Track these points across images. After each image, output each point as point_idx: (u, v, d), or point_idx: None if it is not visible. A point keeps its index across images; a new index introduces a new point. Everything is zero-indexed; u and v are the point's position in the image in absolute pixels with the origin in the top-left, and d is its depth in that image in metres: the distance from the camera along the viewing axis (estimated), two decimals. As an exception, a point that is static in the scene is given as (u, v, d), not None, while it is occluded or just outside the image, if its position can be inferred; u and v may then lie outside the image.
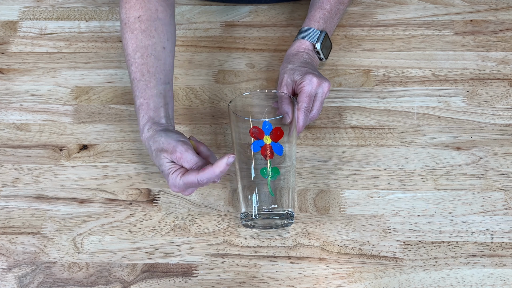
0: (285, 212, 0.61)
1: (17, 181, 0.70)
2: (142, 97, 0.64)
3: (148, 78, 0.65)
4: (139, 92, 0.65)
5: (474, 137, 0.73)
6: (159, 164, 0.60)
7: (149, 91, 0.64)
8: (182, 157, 0.58)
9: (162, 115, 0.64)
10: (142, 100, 0.64)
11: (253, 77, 0.80)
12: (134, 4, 0.68)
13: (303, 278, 0.62)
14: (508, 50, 0.82)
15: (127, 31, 0.67)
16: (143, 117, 0.63)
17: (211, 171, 0.56)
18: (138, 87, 0.65)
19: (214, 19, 0.88)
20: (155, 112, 0.63)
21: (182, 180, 0.58)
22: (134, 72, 0.66)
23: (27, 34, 0.87)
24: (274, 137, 0.62)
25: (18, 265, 0.63)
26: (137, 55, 0.66)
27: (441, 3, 0.89)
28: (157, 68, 0.66)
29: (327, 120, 0.75)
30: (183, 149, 0.59)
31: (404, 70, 0.80)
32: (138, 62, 0.66)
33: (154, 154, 0.61)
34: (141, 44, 0.66)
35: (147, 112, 0.63)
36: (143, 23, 0.67)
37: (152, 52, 0.66)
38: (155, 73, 0.65)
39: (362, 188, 0.68)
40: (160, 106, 0.64)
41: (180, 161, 0.59)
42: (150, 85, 0.65)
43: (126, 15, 0.68)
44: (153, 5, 0.68)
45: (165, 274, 0.62)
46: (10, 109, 0.77)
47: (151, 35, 0.67)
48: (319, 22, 0.77)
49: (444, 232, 0.65)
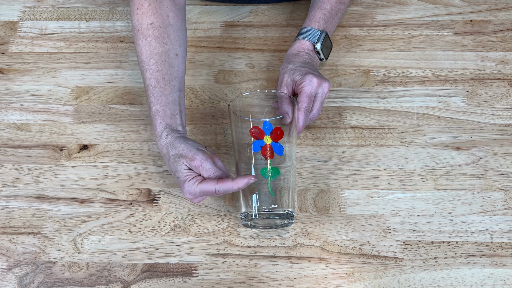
0: (285, 212, 0.61)
1: (17, 181, 0.70)
2: (158, 104, 0.65)
3: (163, 85, 0.66)
4: (154, 98, 0.65)
5: (474, 137, 0.73)
6: (175, 170, 0.61)
7: (164, 98, 0.65)
8: (201, 165, 0.60)
9: (178, 122, 0.65)
10: (159, 107, 0.65)
11: (253, 77, 0.80)
12: (146, 10, 0.68)
13: (303, 278, 0.62)
14: (507, 50, 0.82)
15: (140, 37, 0.68)
16: (160, 123, 0.64)
17: (229, 185, 0.58)
18: (153, 93, 0.66)
19: (214, 19, 0.88)
20: (171, 119, 0.65)
21: (199, 187, 0.59)
22: (149, 78, 0.66)
23: (27, 34, 0.87)
24: (274, 137, 0.62)
25: (19, 265, 0.63)
26: (151, 62, 0.67)
27: (441, 3, 0.89)
28: (171, 75, 0.67)
29: (327, 120, 0.75)
30: (203, 157, 0.60)
31: (404, 70, 0.80)
32: (153, 69, 0.66)
33: (172, 159, 0.61)
34: (154, 51, 0.67)
35: (164, 119, 0.64)
36: (156, 30, 0.68)
37: (166, 59, 0.67)
38: (169, 80, 0.66)
39: (362, 188, 0.69)
40: (176, 113, 0.65)
41: (198, 169, 0.60)
42: (166, 92, 0.66)
43: (139, 21, 0.68)
44: (165, 11, 0.69)
45: (165, 274, 0.62)
46: (10, 109, 0.77)
47: (164, 42, 0.68)
48: (320, 22, 0.77)
49: (444, 232, 0.65)
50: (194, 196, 0.61)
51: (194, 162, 0.60)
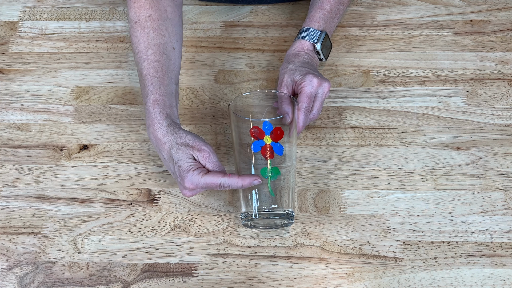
0: (285, 212, 0.61)
1: (17, 181, 0.70)
2: (158, 93, 0.64)
3: (162, 76, 0.65)
4: (153, 87, 0.64)
5: (474, 137, 0.73)
6: (178, 158, 0.60)
7: (163, 89, 0.64)
8: (209, 157, 0.59)
9: (176, 115, 0.65)
10: (158, 96, 0.64)
11: (253, 77, 0.80)
12: (144, 4, 0.68)
13: (303, 278, 0.62)
14: (507, 50, 0.82)
15: (137, 29, 0.67)
16: (160, 112, 0.63)
17: (235, 181, 0.58)
18: (152, 82, 0.64)
19: (214, 19, 0.88)
20: (170, 110, 0.64)
21: (204, 178, 0.58)
22: (147, 68, 0.65)
23: (27, 34, 0.87)
24: (274, 137, 0.62)
25: (19, 265, 0.63)
26: (149, 52, 0.66)
27: (441, 3, 0.89)
28: (169, 68, 0.66)
29: (327, 120, 0.75)
30: (211, 150, 0.60)
31: (404, 70, 0.80)
32: (151, 59, 0.66)
33: (176, 147, 0.60)
34: (153, 41, 0.66)
35: (164, 108, 0.63)
36: (154, 22, 0.67)
37: (164, 51, 0.66)
38: (167, 72, 0.66)
39: (362, 188, 0.69)
40: (174, 106, 0.65)
41: (205, 160, 0.60)
42: (164, 83, 0.65)
43: (136, 14, 0.68)
44: (163, 6, 0.69)
45: (165, 274, 0.62)
46: (10, 109, 0.77)
47: (162, 34, 0.67)
48: (319, 22, 0.77)
49: (444, 232, 0.65)
50: (194, 187, 0.59)
51: (202, 154, 0.59)
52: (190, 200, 0.68)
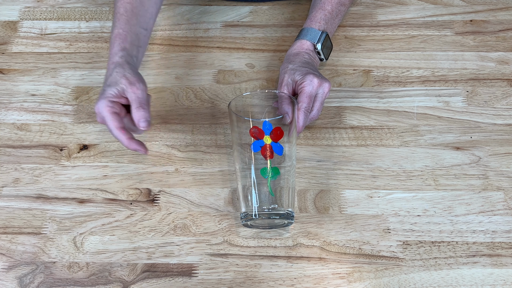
0: (285, 212, 0.62)
1: (17, 181, 0.70)
2: (122, 29, 0.67)
3: (130, 16, 0.68)
4: (119, 24, 0.68)
5: (474, 137, 0.73)
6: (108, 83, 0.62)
7: (128, 27, 0.68)
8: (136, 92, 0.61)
9: (134, 53, 0.67)
10: (121, 31, 0.67)
11: (253, 77, 0.80)
12: None
13: (303, 278, 0.62)
14: (507, 50, 0.82)
15: None
16: (119, 45, 0.66)
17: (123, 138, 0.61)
18: (119, 19, 0.68)
19: (214, 19, 0.88)
20: (130, 46, 0.67)
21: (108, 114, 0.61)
22: (119, 7, 0.69)
23: (27, 34, 0.87)
24: (274, 137, 0.62)
25: (19, 265, 0.63)
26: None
27: (441, 3, 0.89)
28: (139, 11, 0.70)
29: (327, 120, 0.75)
30: (144, 88, 0.62)
31: (404, 70, 0.80)
32: (125, 0, 0.69)
33: (114, 74, 0.63)
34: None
35: (123, 42, 0.66)
36: None
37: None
38: (137, 14, 0.69)
39: (362, 188, 0.69)
40: (135, 44, 0.68)
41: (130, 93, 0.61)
42: (131, 22, 0.68)
43: None
44: None
45: (165, 274, 0.62)
46: (10, 109, 0.77)
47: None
48: (320, 22, 0.77)
49: (443, 232, 0.65)
50: (97, 113, 0.62)
51: (132, 87, 0.61)
52: (190, 200, 0.68)
